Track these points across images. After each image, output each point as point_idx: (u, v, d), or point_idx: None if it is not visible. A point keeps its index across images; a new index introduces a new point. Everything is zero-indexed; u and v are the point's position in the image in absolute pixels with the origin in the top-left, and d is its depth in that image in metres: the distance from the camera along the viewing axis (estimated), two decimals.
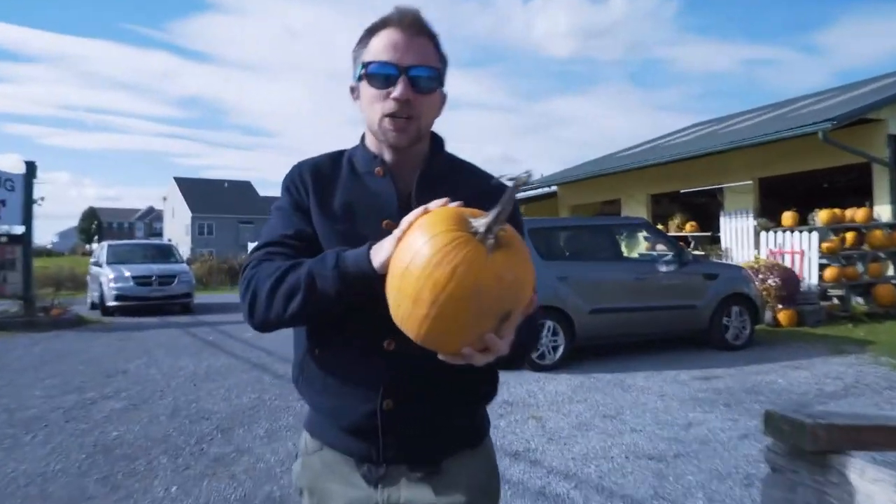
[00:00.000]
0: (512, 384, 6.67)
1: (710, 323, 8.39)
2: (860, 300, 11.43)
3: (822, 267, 11.32)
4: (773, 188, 14.20)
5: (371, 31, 1.40)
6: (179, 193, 65.15)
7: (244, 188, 69.47)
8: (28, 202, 12.90)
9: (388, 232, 1.27)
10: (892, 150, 11.63)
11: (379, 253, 1.18)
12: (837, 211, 11.77)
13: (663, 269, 8.32)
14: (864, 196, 12.32)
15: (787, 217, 12.10)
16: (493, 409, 5.58)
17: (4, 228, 12.97)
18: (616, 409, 5.72)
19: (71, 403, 6.11)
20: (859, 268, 11.69)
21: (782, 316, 10.35)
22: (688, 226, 14.83)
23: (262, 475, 4.31)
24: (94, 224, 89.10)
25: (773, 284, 10.37)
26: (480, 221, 1.09)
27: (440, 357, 1.14)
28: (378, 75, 1.36)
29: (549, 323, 7.45)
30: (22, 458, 4.61)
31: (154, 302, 15.20)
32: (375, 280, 1.17)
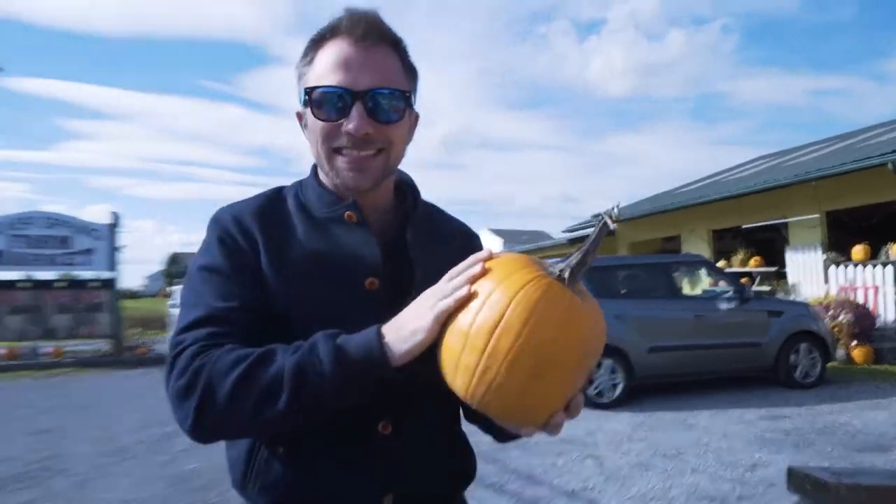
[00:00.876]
0: (570, 422, 6.55)
1: (776, 360, 8.06)
2: None
3: None
4: (842, 221, 13.63)
5: (317, 43, 1.06)
6: None
7: None
8: (113, 249, 13.75)
9: (374, 293, 1.05)
10: None
11: (400, 338, 0.90)
12: None
13: (723, 306, 8.07)
14: None
15: (858, 251, 11.55)
16: (549, 448, 5.47)
17: (94, 274, 13.78)
18: (677, 448, 5.53)
19: (154, 436, 6.38)
20: None
21: (857, 353, 9.82)
22: (752, 261, 14.31)
23: None
24: (178, 268, 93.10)
25: (845, 321, 9.88)
26: (562, 265, 0.91)
27: (522, 432, 0.95)
28: (327, 103, 1.03)
29: (606, 361, 7.34)
30: (112, 487, 4.86)
31: None
32: (390, 374, 0.91)
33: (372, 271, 1.06)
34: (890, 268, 10.75)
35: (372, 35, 1.03)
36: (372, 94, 1.02)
